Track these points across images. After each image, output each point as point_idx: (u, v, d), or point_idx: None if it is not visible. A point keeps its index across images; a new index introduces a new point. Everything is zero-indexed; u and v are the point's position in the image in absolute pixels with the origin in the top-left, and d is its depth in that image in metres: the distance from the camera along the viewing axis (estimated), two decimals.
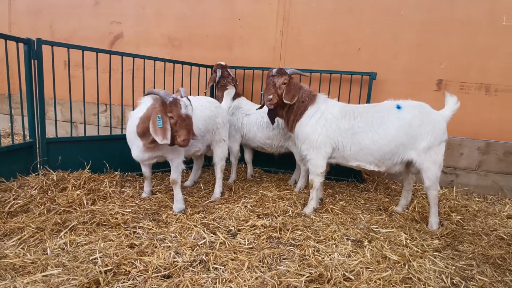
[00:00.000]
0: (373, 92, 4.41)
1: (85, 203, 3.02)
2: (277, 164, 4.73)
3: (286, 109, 3.40)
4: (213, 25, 5.33)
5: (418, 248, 2.67)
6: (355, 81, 4.56)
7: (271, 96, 3.25)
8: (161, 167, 4.19)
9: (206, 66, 4.95)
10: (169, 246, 2.44)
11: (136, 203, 3.23)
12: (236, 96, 4.36)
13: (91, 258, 2.22)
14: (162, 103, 2.64)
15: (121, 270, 2.10)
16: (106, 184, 3.43)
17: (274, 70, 3.33)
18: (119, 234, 2.60)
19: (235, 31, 5.24)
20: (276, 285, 2.02)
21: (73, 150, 3.61)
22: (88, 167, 3.59)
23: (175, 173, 3.13)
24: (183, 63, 4.62)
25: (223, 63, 4.57)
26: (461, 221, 3.34)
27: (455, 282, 2.26)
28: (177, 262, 2.22)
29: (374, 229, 2.99)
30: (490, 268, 2.47)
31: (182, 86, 4.62)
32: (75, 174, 3.43)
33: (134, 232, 2.65)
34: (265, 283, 2.05)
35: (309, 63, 4.83)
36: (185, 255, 2.32)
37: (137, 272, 2.08)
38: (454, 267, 2.43)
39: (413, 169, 3.24)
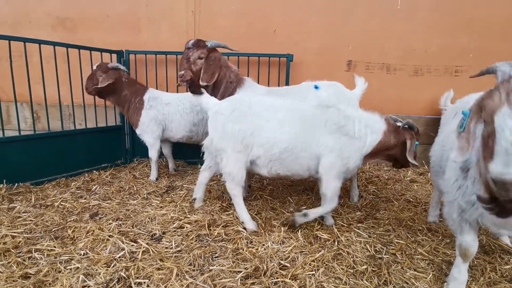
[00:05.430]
0: (291, 74, 4.45)
1: None
2: (201, 154, 4.46)
3: (212, 86, 3.04)
4: (113, 3, 4.66)
5: (344, 222, 2.80)
6: (273, 63, 4.53)
7: (182, 72, 2.91)
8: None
9: (110, 52, 4.32)
10: (77, 268, 2.03)
11: (31, 220, 2.65)
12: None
13: None
14: (416, 133, 2.84)
15: None
16: None
17: (191, 42, 2.96)
18: (8, 263, 2.07)
19: (141, 10, 4.68)
20: None
21: None
22: None
23: None
24: (79, 47, 3.92)
25: None
26: (376, 191, 3.64)
27: (377, 249, 2.41)
28: (89, 286, 1.85)
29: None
30: (404, 230, 2.72)
31: (81, 76, 3.94)
32: None
33: (30, 258, 2.14)
34: None
35: None
36: (99, 275, 1.95)
37: None
38: (375, 235, 2.61)
39: None
